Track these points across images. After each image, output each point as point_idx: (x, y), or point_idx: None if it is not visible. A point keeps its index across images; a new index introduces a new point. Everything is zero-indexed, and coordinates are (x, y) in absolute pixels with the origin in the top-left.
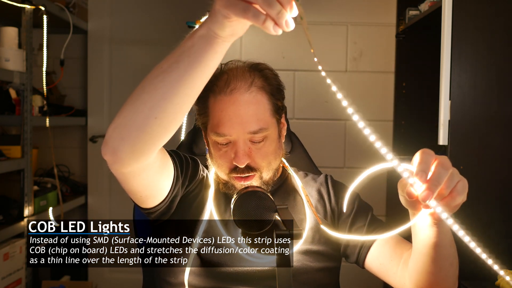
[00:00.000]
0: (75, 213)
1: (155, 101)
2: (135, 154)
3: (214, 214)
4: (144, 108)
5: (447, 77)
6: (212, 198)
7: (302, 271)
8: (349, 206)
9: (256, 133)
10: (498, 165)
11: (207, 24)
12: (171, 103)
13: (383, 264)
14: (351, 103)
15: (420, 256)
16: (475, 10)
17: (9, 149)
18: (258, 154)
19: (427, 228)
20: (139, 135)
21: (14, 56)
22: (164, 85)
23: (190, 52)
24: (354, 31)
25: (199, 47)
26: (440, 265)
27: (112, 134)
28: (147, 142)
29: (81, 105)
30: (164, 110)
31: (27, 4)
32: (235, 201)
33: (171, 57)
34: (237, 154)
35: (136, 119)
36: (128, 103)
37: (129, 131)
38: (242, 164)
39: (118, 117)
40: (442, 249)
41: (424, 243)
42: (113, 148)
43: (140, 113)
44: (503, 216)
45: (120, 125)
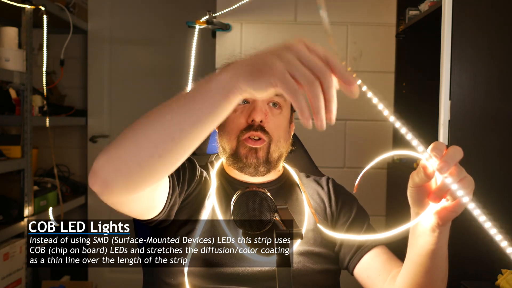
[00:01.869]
0: (75, 213)
1: (161, 140)
2: (129, 187)
3: (217, 211)
4: (149, 145)
5: (447, 77)
6: (214, 195)
7: (302, 272)
8: (347, 212)
9: (277, 94)
10: (498, 165)
11: (236, 75)
12: (179, 144)
13: (370, 277)
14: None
15: (414, 266)
16: (475, 10)
17: (9, 149)
18: (272, 120)
19: (427, 233)
20: (138, 171)
21: (14, 56)
22: (173, 125)
23: (206, 98)
24: (354, 31)
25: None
26: (432, 279)
27: (105, 165)
28: (145, 178)
29: (81, 105)
30: (170, 150)
31: (27, 4)
32: (235, 201)
33: (184, 97)
34: (255, 108)
35: (138, 155)
36: (129, 136)
37: (127, 165)
38: (259, 118)
39: (115, 148)
40: (438, 260)
41: (420, 250)
42: (105, 179)
43: (144, 149)
44: (503, 216)
45: (116, 158)
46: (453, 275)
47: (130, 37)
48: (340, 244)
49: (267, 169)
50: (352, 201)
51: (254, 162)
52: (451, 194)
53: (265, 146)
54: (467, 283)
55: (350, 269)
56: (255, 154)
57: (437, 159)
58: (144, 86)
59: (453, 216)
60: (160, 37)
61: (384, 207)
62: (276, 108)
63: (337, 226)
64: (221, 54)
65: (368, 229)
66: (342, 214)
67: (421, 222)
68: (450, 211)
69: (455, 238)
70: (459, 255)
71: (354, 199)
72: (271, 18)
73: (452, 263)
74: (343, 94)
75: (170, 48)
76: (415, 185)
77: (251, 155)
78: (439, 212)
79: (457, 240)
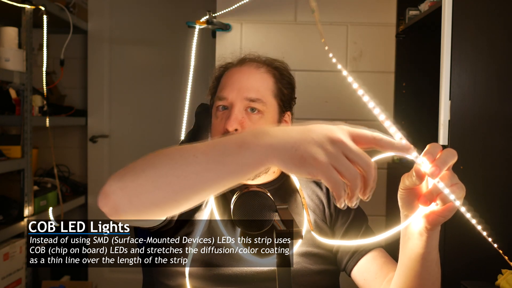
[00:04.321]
0: (75, 213)
1: (181, 189)
2: (139, 216)
3: (215, 212)
4: (168, 190)
5: (447, 77)
6: (213, 198)
7: (301, 273)
8: (345, 214)
9: (252, 101)
10: (498, 165)
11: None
12: (199, 196)
13: (367, 280)
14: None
15: (404, 269)
16: (475, 10)
17: (9, 149)
18: (251, 126)
19: (416, 237)
20: (151, 207)
21: (14, 56)
22: (197, 179)
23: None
24: (354, 31)
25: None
26: (422, 283)
27: (117, 191)
28: (156, 214)
29: (81, 105)
30: (187, 198)
31: (27, 4)
32: (235, 201)
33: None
34: (230, 117)
35: (154, 195)
36: (148, 174)
37: (141, 200)
38: (231, 127)
39: (131, 180)
40: (427, 264)
41: (410, 253)
42: (116, 205)
43: (161, 193)
44: (503, 216)
45: (130, 189)
46: (453, 275)
47: (130, 37)
48: (338, 245)
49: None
50: None
51: None
52: (441, 198)
53: None
54: (467, 283)
55: (348, 271)
56: None
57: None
58: (144, 86)
59: (442, 220)
60: (160, 37)
61: (384, 207)
62: (254, 113)
63: (335, 227)
64: (221, 54)
65: (366, 231)
66: (341, 216)
67: (410, 225)
68: (439, 215)
69: (455, 238)
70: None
71: None
72: (271, 18)
73: (452, 263)
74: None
75: (170, 48)
76: (405, 187)
77: None
78: (427, 216)
79: (457, 240)
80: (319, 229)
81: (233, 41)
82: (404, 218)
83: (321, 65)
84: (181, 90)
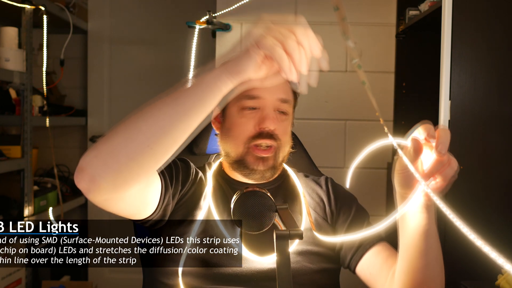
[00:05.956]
0: (75, 213)
1: (152, 132)
2: (117, 182)
3: (213, 212)
4: (139, 137)
5: (447, 77)
6: (210, 196)
7: (301, 272)
8: (347, 211)
9: (284, 101)
10: (498, 165)
11: (224, 65)
12: (169, 136)
13: (372, 274)
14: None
15: (409, 250)
16: (475, 10)
17: (9, 149)
18: (281, 126)
19: (418, 214)
20: (127, 162)
21: (14, 56)
22: (164, 116)
23: (195, 88)
24: (354, 31)
25: (206, 85)
26: (427, 260)
27: (93, 160)
28: (134, 172)
29: (81, 105)
30: (160, 141)
31: (27, 4)
32: (235, 200)
33: (175, 91)
34: (268, 116)
35: (128, 147)
36: (119, 130)
37: (117, 158)
38: (273, 126)
39: (103, 143)
40: (430, 239)
41: (413, 232)
42: (92, 175)
43: (134, 141)
44: (503, 216)
45: (104, 152)
46: (453, 275)
47: (130, 37)
48: (341, 242)
49: (272, 174)
50: (352, 200)
51: (262, 169)
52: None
53: (273, 154)
54: (467, 283)
55: (352, 267)
56: (264, 162)
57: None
58: (144, 86)
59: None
60: (160, 37)
61: (384, 207)
62: (283, 114)
63: (337, 225)
64: (221, 54)
65: (368, 228)
66: (342, 213)
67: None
68: (437, 190)
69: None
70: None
71: (354, 198)
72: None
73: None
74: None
75: (170, 48)
76: (403, 168)
77: (260, 163)
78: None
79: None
80: (319, 227)
81: (233, 41)
82: (401, 197)
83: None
84: None
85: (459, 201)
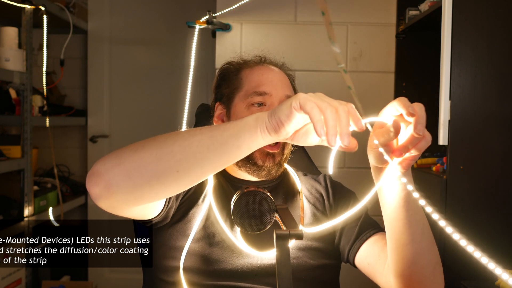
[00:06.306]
0: (75, 213)
1: (184, 156)
2: (132, 196)
3: (214, 209)
4: (170, 159)
5: (447, 77)
6: (211, 194)
7: (301, 268)
8: (345, 204)
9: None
10: (498, 165)
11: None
12: (199, 165)
13: (371, 264)
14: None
15: (391, 224)
16: (475, 10)
17: (9, 149)
18: None
19: (396, 184)
20: (150, 181)
21: (14, 56)
22: (199, 145)
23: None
24: (354, 31)
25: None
26: (412, 233)
27: (114, 168)
28: (153, 191)
29: (81, 105)
30: (188, 168)
31: (27, 4)
32: (235, 200)
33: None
34: None
35: (156, 165)
36: (150, 147)
37: (142, 173)
38: None
39: (130, 155)
40: (412, 209)
41: (394, 203)
42: (109, 182)
43: (164, 162)
44: (503, 216)
45: (129, 163)
46: (453, 275)
47: (130, 37)
48: (340, 236)
49: (277, 172)
50: (350, 195)
51: (270, 165)
52: (416, 148)
53: (280, 150)
54: (467, 283)
55: (351, 259)
56: (272, 159)
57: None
58: (144, 86)
59: (413, 162)
60: (160, 37)
61: None
62: None
63: (336, 216)
64: (221, 54)
65: (366, 219)
66: (340, 206)
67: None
68: (412, 160)
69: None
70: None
71: (352, 193)
72: (271, 18)
73: (452, 263)
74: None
75: (170, 48)
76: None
77: (268, 160)
78: (401, 162)
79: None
80: (318, 222)
81: (233, 41)
82: (377, 170)
83: (321, 65)
84: (181, 90)
85: (459, 201)
